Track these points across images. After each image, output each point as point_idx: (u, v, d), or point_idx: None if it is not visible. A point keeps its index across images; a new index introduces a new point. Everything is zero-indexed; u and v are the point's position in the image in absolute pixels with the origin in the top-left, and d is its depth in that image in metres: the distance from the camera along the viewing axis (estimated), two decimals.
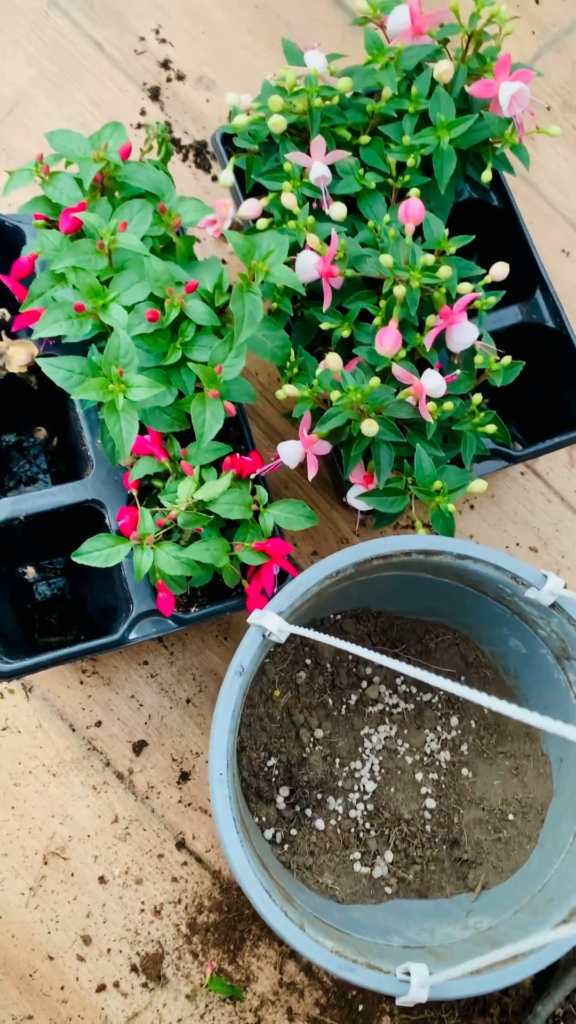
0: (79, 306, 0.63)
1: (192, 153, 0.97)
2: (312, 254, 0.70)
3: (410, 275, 0.66)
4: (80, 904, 0.79)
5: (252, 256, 0.65)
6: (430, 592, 0.77)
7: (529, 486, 0.94)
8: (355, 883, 0.75)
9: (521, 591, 0.68)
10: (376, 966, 0.59)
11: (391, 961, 0.61)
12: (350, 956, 0.59)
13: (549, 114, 1.05)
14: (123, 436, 0.62)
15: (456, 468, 0.70)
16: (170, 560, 0.66)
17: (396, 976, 0.60)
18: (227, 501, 0.67)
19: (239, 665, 0.63)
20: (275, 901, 0.60)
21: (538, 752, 0.79)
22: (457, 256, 0.73)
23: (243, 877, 0.60)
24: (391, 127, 0.75)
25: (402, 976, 0.60)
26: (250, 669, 0.64)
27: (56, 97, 0.97)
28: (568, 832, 0.72)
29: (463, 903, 0.74)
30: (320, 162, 0.72)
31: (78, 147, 0.67)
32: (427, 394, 0.67)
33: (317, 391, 0.69)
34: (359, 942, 0.66)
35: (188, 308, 0.65)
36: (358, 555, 0.66)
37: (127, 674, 0.84)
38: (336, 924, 0.67)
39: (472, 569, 0.69)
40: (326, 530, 0.90)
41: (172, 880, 0.81)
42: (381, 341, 0.66)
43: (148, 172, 0.68)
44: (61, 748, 0.82)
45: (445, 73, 0.72)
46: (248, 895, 0.59)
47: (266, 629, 0.63)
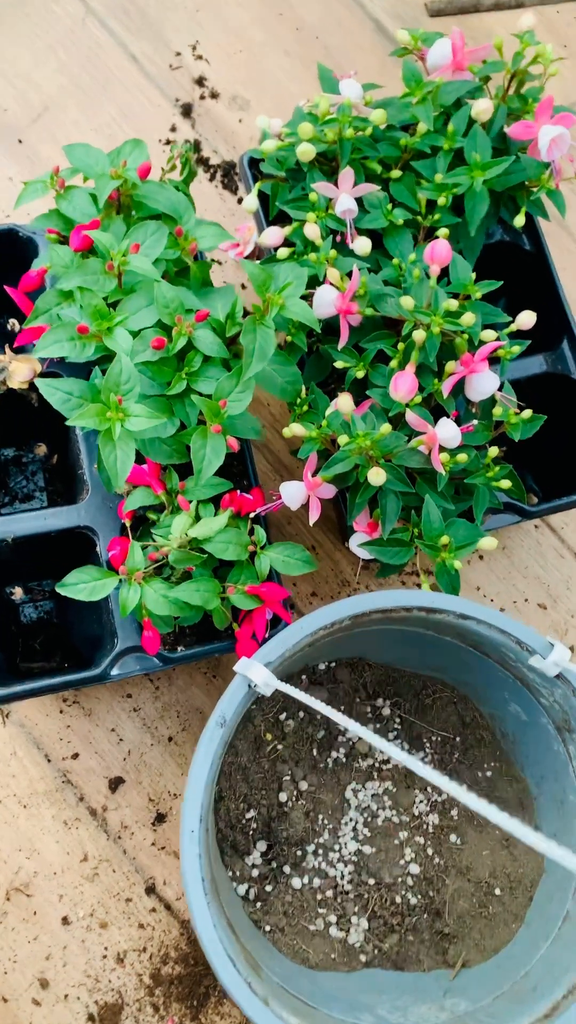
0: (83, 328, 0.60)
1: (220, 173, 0.95)
2: (331, 289, 0.67)
3: (431, 319, 0.63)
4: (40, 945, 0.76)
5: (268, 288, 0.63)
6: (430, 648, 0.74)
7: (542, 540, 0.91)
8: (329, 948, 0.72)
9: (525, 657, 0.65)
10: None
11: None
12: None
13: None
14: (117, 466, 0.59)
15: (466, 522, 0.67)
16: (158, 599, 0.63)
17: None
18: (223, 540, 0.64)
19: (221, 716, 0.60)
20: (239, 971, 0.57)
21: (531, 823, 0.75)
22: (482, 301, 0.70)
23: (208, 945, 0.56)
24: (424, 163, 0.72)
25: None
26: (232, 721, 0.61)
27: (86, 107, 0.95)
28: (557, 915, 0.68)
29: (441, 980, 0.70)
30: (347, 194, 0.70)
31: (96, 162, 0.65)
32: (441, 444, 0.64)
33: (325, 432, 0.66)
34: (326, 1019, 0.62)
35: (196, 337, 0.62)
36: (356, 608, 0.62)
37: (109, 706, 0.81)
38: (304, 996, 0.64)
39: (475, 630, 0.65)
40: (327, 571, 0.87)
41: (139, 927, 0.77)
42: (396, 386, 0.63)
43: (167, 193, 0.65)
44: (34, 778, 0.79)
45: (484, 112, 0.69)
46: (212, 964, 0.56)
47: (252, 681, 0.60)
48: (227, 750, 0.73)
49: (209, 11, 1.00)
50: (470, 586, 0.88)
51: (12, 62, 0.95)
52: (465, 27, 1.05)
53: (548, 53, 0.70)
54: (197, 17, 0.99)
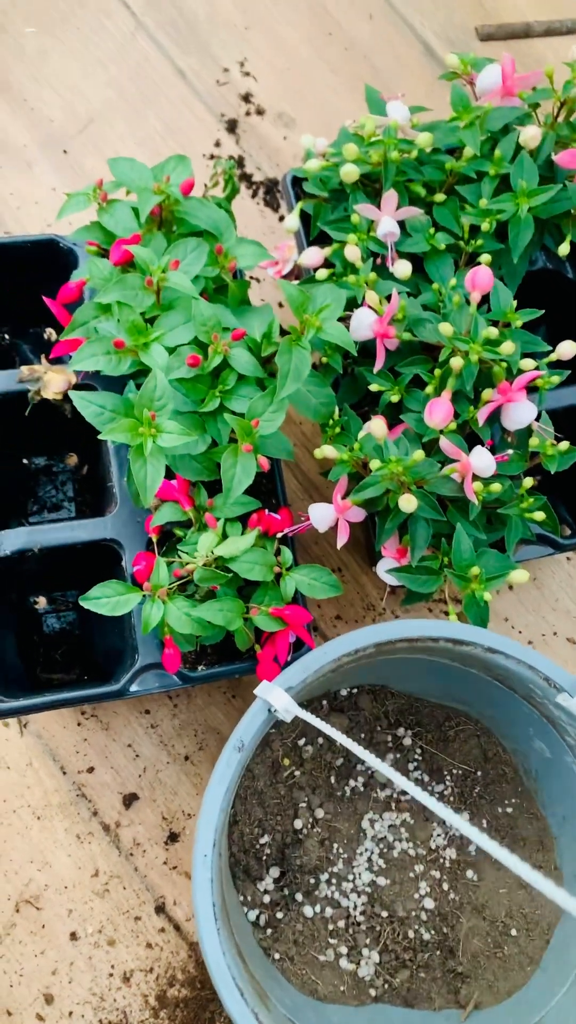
0: (119, 342, 0.60)
1: (262, 190, 0.95)
2: (369, 312, 0.66)
3: (470, 347, 0.62)
4: (47, 959, 0.75)
5: (305, 309, 0.62)
6: (455, 679, 0.73)
7: (574, 573, 0.89)
8: (338, 980, 0.70)
9: (552, 694, 0.63)
10: None
11: None
12: None
13: None
14: (147, 482, 0.59)
15: (497, 553, 0.66)
16: (181, 617, 0.62)
17: None
18: (249, 560, 0.63)
19: (239, 741, 0.59)
20: (247, 1001, 0.55)
21: (551, 864, 0.73)
22: (523, 330, 0.69)
23: (216, 973, 0.55)
24: (469, 188, 0.72)
25: None
26: (250, 745, 0.60)
27: (132, 120, 0.95)
28: (574, 961, 0.66)
29: (451, 1020, 0.68)
30: (390, 217, 0.69)
31: (140, 177, 0.65)
32: (474, 472, 0.63)
33: (357, 455, 0.65)
34: None
35: (232, 356, 0.62)
36: (381, 636, 0.61)
37: (127, 721, 0.80)
38: None
39: (502, 664, 0.64)
40: (353, 594, 0.86)
41: (147, 946, 0.76)
42: (431, 412, 0.62)
43: (209, 210, 0.65)
44: (49, 790, 0.78)
45: (532, 139, 0.68)
46: (219, 993, 0.55)
47: (272, 705, 0.59)
48: (244, 773, 0.72)
49: (258, 28, 1.00)
50: (498, 616, 0.87)
51: (61, 74, 0.96)
52: (515, 52, 1.04)
53: None
54: (246, 34, 1.00)
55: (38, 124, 0.94)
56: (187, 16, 0.99)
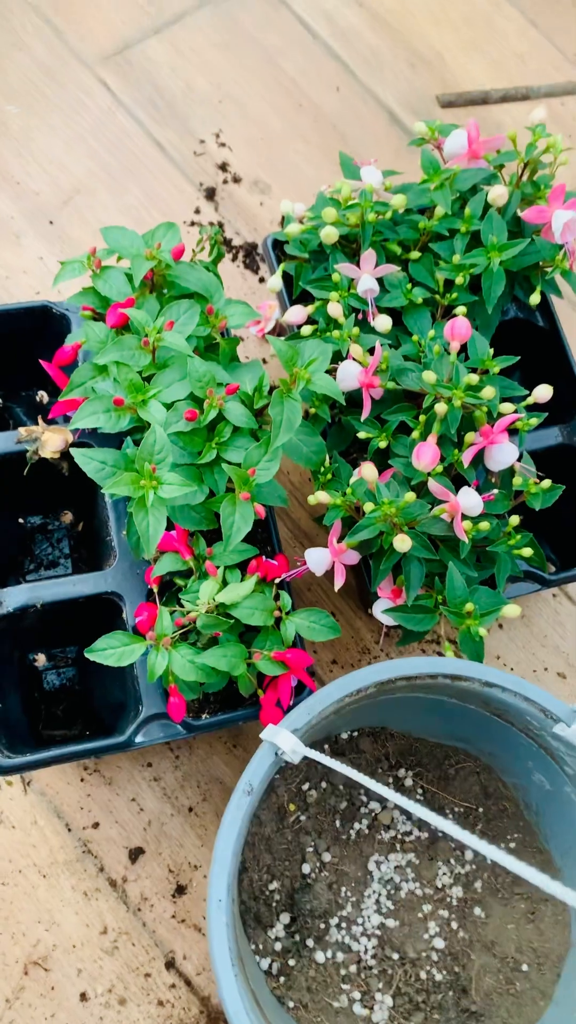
0: (119, 400, 0.62)
1: (242, 254, 0.99)
2: (354, 364, 0.69)
3: (453, 393, 0.65)
4: (58, 1022, 0.74)
5: (295, 363, 0.65)
6: (453, 716, 0.74)
7: (560, 609, 0.92)
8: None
9: (549, 725, 0.65)
10: None
11: None
12: None
13: None
14: (150, 532, 0.61)
15: (488, 590, 0.68)
16: (185, 664, 0.63)
17: None
18: (249, 606, 0.65)
19: (248, 784, 0.60)
20: None
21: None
22: (500, 376, 0.72)
23: (235, 1020, 0.55)
24: (442, 245, 0.76)
25: None
26: (259, 789, 0.61)
27: (114, 190, 0.99)
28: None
29: None
30: (369, 275, 0.73)
31: (131, 244, 0.68)
32: (463, 512, 0.66)
33: (350, 500, 0.67)
34: None
35: (227, 409, 0.64)
36: (381, 675, 0.63)
37: (130, 775, 0.81)
38: None
39: (499, 698, 0.66)
40: (348, 639, 0.88)
41: (158, 1003, 0.75)
42: (419, 456, 0.65)
43: (198, 273, 0.68)
44: (55, 848, 0.78)
45: (499, 197, 0.72)
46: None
47: (279, 748, 0.60)
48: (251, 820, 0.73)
49: (232, 102, 1.05)
50: (490, 655, 0.89)
51: (45, 149, 1.00)
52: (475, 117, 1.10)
53: (558, 144, 0.74)
54: (220, 107, 1.05)
55: (24, 197, 0.98)
56: (163, 92, 1.04)
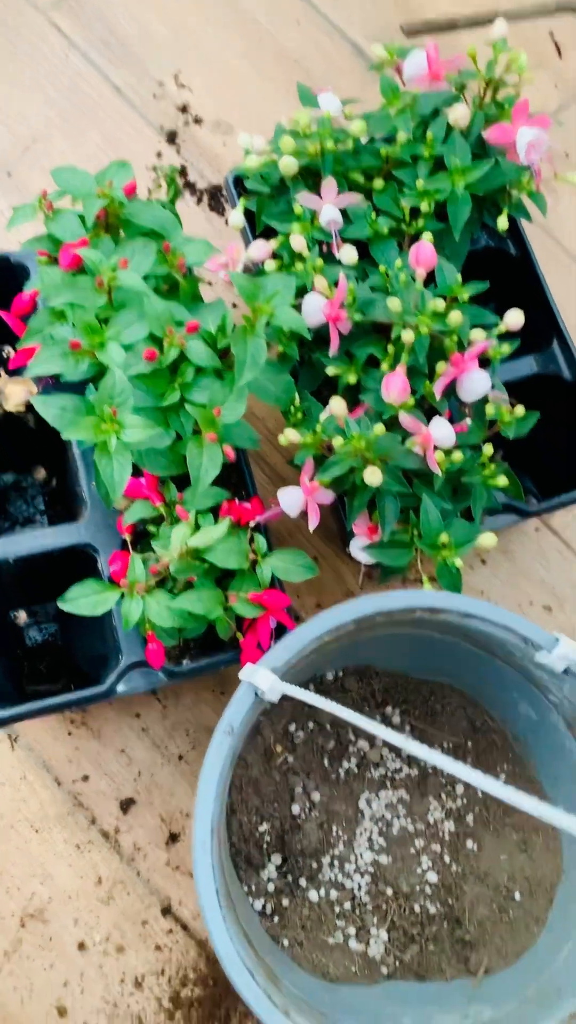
0: (75, 343, 0.61)
1: (207, 197, 0.96)
2: (319, 297, 0.68)
3: (419, 320, 0.64)
4: (57, 972, 0.75)
5: (256, 298, 0.63)
6: (437, 652, 0.74)
7: (544, 543, 0.91)
8: (349, 961, 0.70)
9: (531, 654, 0.64)
10: None
11: None
12: None
13: (569, 163, 1.04)
14: (114, 478, 0.59)
15: (464, 522, 0.67)
16: (161, 610, 0.63)
17: None
18: (223, 549, 0.64)
19: (228, 725, 0.60)
20: (258, 983, 0.56)
21: (548, 825, 0.74)
22: (471, 304, 0.71)
23: (225, 956, 0.55)
24: (405, 172, 0.73)
25: None
26: (240, 729, 0.60)
27: (72, 137, 0.97)
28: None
29: (464, 988, 0.69)
30: (331, 205, 0.71)
31: (83, 184, 0.66)
32: (435, 444, 0.64)
33: (320, 437, 0.66)
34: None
35: (188, 349, 0.63)
36: (359, 611, 0.62)
37: (117, 727, 0.81)
38: (325, 1009, 0.62)
39: (479, 629, 0.65)
40: (331, 582, 0.87)
41: (156, 949, 0.76)
42: (388, 387, 0.64)
43: (153, 210, 0.66)
44: (45, 802, 0.78)
45: (461, 118, 0.70)
46: (229, 976, 0.55)
47: (258, 687, 0.60)
48: (237, 763, 0.73)
49: (190, 41, 1.02)
50: (474, 591, 0.88)
51: (1, 99, 0.97)
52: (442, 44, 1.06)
53: (521, 61, 0.71)
54: (178, 48, 1.02)
55: None
56: (118, 33, 1.01)
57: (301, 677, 0.76)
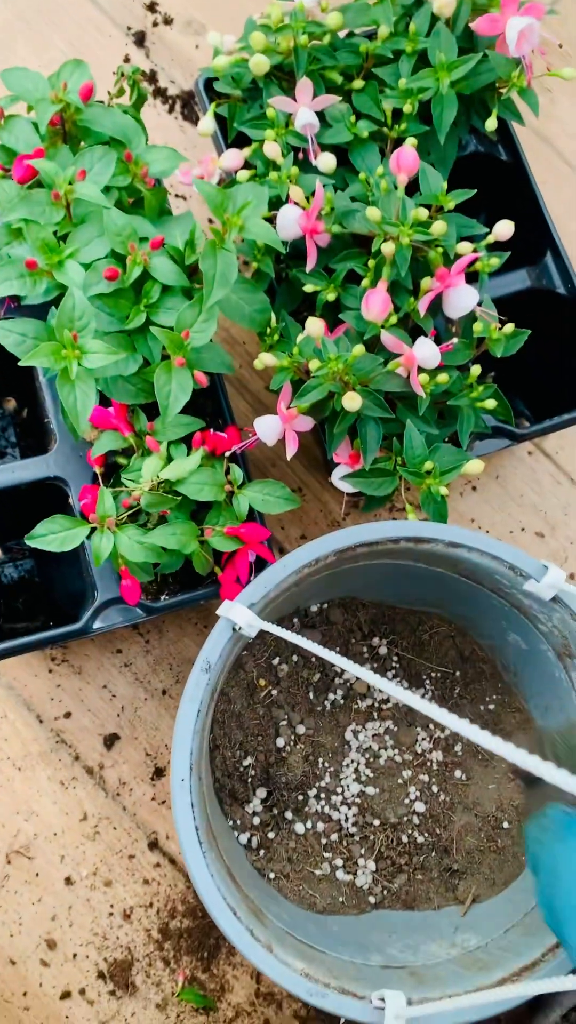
0: (31, 263, 0.57)
1: (179, 104, 0.90)
2: (295, 208, 0.63)
3: (400, 231, 0.59)
4: (45, 906, 0.75)
5: (225, 209, 0.59)
6: (423, 582, 0.71)
7: (537, 466, 0.88)
8: (336, 892, 0.70)
9: (519, 583, 0.62)
10: (350, 991, 0.54)
11: (368, 984, 0.56)
12: (322, 979, 0.54)
13: (564, 59, 0.97)
14: (78, 407, 0.56)
15: (451, 447, 0.64)
16: (132, 545, 0.60)
17: (371, 1003, 0.55)
18: (197, 481, 0.61)
19: (205, 661, 0.58)
20: (240, 919, 0.55)
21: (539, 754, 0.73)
22: (458, 214, 0.66)
23: (205, 893, 0.55)
24: (387, 70, 0.68)
25: (377, 1003, 0.55)
26: (218, 665, 0.58)
27: (34, 42, 0.90)
28: None
29: (451, 917, 0.69)
30: (306, 107, 0.66)
31: (36, 87, 0.61)
32: (419, 365, 0.61)
33: (298, 360, 0.63)
34: (334, 961, 0.60)
35: (153, 266, 0.59)
36: (338, 543, 0.60)
37: (99, 663, 0.79)
38: (311, 941, 0.62)
39: (466, 558, 0.63)
40: (316, 512, 0.84)
41: (143, 882, 0.76)
42: (368, 304, 0.60)
43: (113, 116, 0.61)
44: (27, 740, 0.77)
45: (446, 6, 0.64)
46: (211, 913, 0.54)
47: (235, 623, 0.57)
48: (219, 698, 0.71)
49: None
50: (464, 518, 0.86)
51: None
52: None
53: None
54: None
55: None
56: None
57: (285, 610, 0.74)
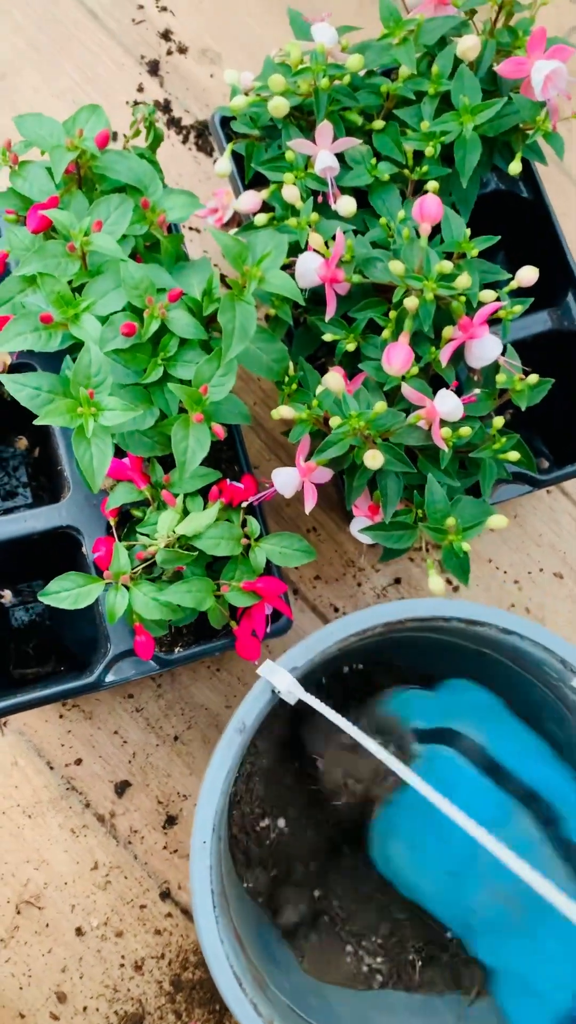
0: (46, 317, 0.55)
1: (193, 134, 0.89)
2: (315, 256, 0.62)
3: (424, 285, 0.58)
4: (55, 957, 0.73)
5: (245, 260, 0.57)
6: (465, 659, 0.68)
7: (556, 506, 0.86)
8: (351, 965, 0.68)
9: (568, 677, 0.60)
10: None
11: None
12: None
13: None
14: (93, 465, 0.55)
15: (472, 499, 0.62)
16: (147, 603, 0.59)
17: None
18: (213, 536, 0.60)
19: (240, 723, 0.56)
20: (245, 991, 0.54)
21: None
22: (480, 259, 0.65)
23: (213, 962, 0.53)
24: (408, 111, 0.67)
25: None
26: (253, 725, 0.57)
27: (45, 71, 0.89)
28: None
29: (454, 1005, 0.67)
30: (326, 150, 0.64)
31: (50, 133, 0.60)
32: (442, 418, 0.59)
33: (316, 413, 0.61)
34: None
35: (170, 319, 0.57)
36: (391, 615, 0.58)
37: (111, 708, 0.78)
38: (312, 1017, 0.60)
39: (516, 645, 0.60)
40: (331, 552, 0.83)
41: (155, 933, 0.74)
42: (390, 358, 0.58)
43: (129, 162, 0.60)
44: (38, 787, 0.76)
45: (471, 50, 0.63)
46: (216, 982, 0.53)
47: (276, 687, 0.56)
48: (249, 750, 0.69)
49: None
50: (482, 559, 0.84)
51: None
52: None
53: None
54: None
55: None
56: None
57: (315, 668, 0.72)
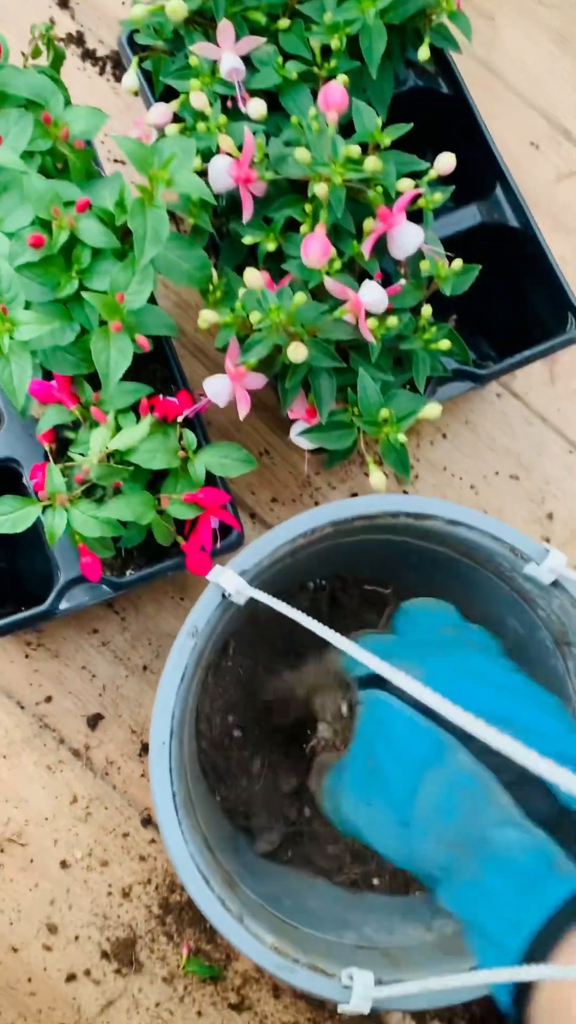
0: None
1: (110, 64, 0.88)
2: (226, 158, 0.61)
3: (332, 170, 0.57)
4: (42, 891, 0.74)
5: (151, 164, 0.57)
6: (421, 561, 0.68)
7: (507, 408, 0.86)
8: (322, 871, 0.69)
9: (520, 565, 0.59)
10: (320, 967, 0.53)
11: (339, 961, 0.54)
12: (292, 954, 0.53)
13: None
14: (14, 383, 0.54)
15: (407, 393, 0.62)
16: (87, 520, 0.58)
17: (340, 981, 0.54)
18: (148, 449, 0.60)
19: (192, 626, 0.56)
20: (213, 889, 0.54)
21: None
22: (396, 150, 0.64)
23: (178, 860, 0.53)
24: (312, 5, 0.65)
25: (346, 981, 0.54)
26: (206, 631, 0.57)
27: None
28: None
29: (430, 903, 0.67)
30: (230, 52, 0.63)
31: None
32: (367, 309, 0.59)
33: (241, 315, 0.60)
34: (307, 937, 0.59)
35: (80, 230, 0.56)
36: (335, 514, 0.57)
37: (77, 644, 0.78)
38: (285, 915, 0.60)
39: (466, 537, 0.60)
40: (286, 475, 0.83)
41: (140, 859, 0.75)
42: (307, 250, 0.58)
43: (27, 77, 0.59)
44: (10, 728, 0.76)
45: None
46: (182, 880, 0.53)
47: (225, 589, 0.56)
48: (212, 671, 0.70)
49: None
50: (436, 467, 0.84)
51: None
52: None
53: None
54: None
55: None
56: None
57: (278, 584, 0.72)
